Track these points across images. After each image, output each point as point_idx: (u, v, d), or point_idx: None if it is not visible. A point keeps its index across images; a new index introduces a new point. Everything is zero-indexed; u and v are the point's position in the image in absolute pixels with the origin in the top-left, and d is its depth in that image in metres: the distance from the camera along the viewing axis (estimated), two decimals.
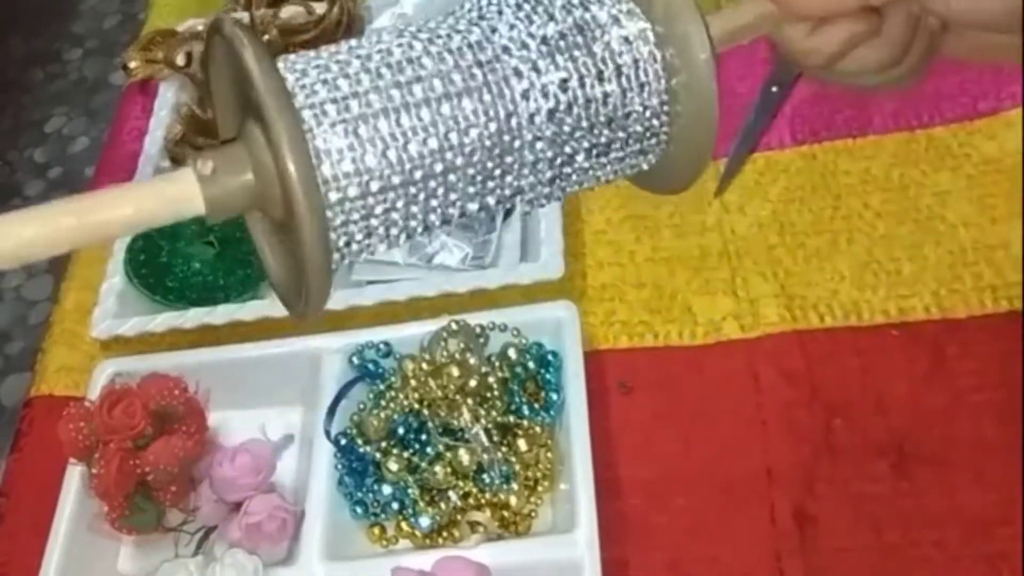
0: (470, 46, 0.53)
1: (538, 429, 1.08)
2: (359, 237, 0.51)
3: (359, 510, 1.08)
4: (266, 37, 1.48)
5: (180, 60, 1.42)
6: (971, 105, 1.25)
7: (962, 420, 1.06)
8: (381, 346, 1.16)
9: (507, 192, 0.54)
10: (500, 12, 0.55)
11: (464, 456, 1.06)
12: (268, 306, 1.24)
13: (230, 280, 1.30)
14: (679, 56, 0.58)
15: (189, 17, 1.61)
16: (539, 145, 0.53)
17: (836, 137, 1.29)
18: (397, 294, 1.21)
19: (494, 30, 0.54)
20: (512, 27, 0.54)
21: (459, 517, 1.07)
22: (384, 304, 1.21)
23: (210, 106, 1.38)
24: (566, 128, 0.54)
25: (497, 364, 1.12)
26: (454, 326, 1.13)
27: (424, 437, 1.09)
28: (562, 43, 0.54)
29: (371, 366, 1.15)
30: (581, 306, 1.17)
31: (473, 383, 1.09)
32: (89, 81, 3.65)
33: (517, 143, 0.53)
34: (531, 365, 1.12)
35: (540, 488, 1.07)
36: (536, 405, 1.10)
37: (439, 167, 0.51)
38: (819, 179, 1.26)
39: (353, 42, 0.53)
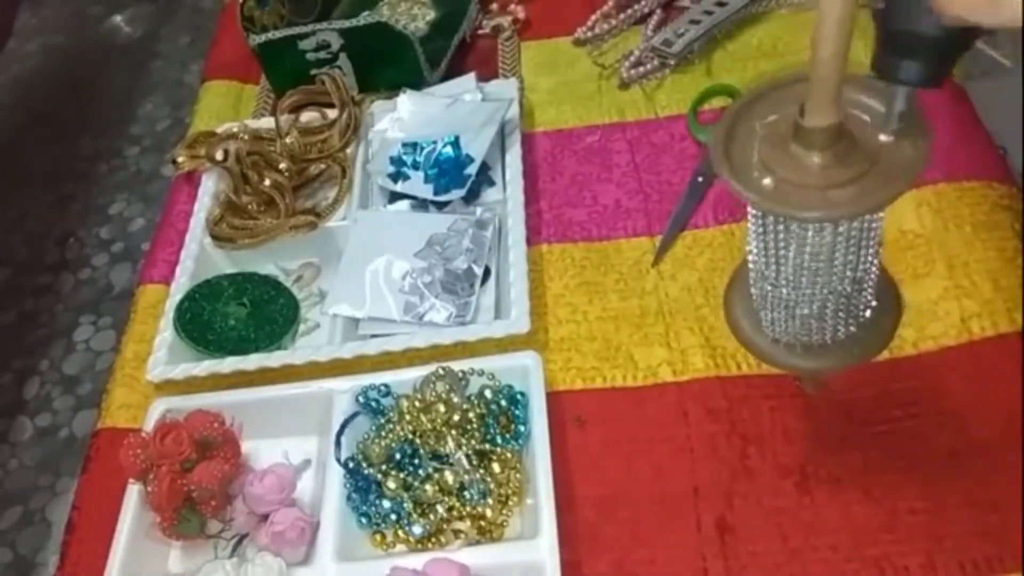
0: None
1: (509, 455, 1.09)
2: None
3: (364, 520, 1.09)
4: (289, 139, 1.48)
5: (219, 156, 1.42)
6: None
7: (853, 447, 1.07)
8: (382, 387, 1.16)
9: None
10: None
11: (449, 477, 1.07)
12: (290, 355, 1.24)
13: (259, 334, 1.30)
14: None
15: (226, 121, 1.62)
16: None
17: None
18: (395, 345, 1.21)
19: None
20: None
21: (445, 526, 1.08)
22: (384, 353, 1.21)
23: (243, 193, 1.39)
24: None
25: (476, 402, 1.12)
26: (441, 371, 1.14)
27: (417, 461, 1.09)
28: None
29: (374, 403, 1.16)
30: (544, 355, 1.18)
31: (456, 417, 1.10)
32: (145, 173, 3.65)
33: None
34: (503, 403, 1.12)
35: (510, 503, 1.07)
36: (507, 435, 1.10)
37: None
38: (736, 252, 1.27)
39: None
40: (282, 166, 1.44)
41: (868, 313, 0.87)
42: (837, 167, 0.73)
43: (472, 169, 1.37)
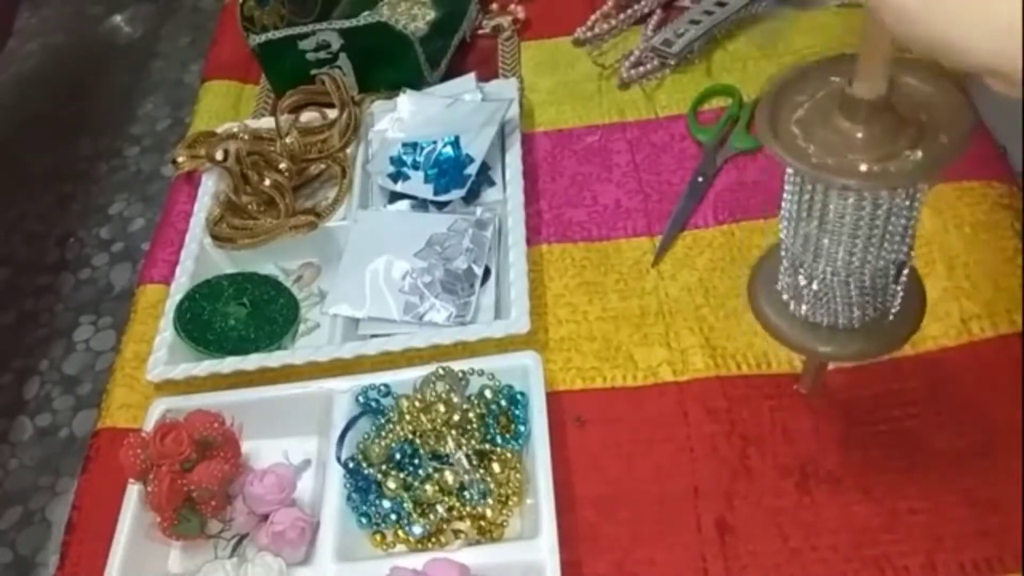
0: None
1: (509, 455, 1.09)
2: None
3: (364, 520, 1.09)
4: (289, 139, 1.48)
5: (219, 156, 1.42)
6: None
7: (853, 447, 1.07)
8: (382, 387, 1.16)
9: None
10: None
11: (449, 477, 1.07)
12: (290, 355, 1.24)
13: (259, 334, 1.30)
14: None
15: (226, 121, 1.62)
16: None
17: (750, 218, 1.30)
18: (395, 345, 1.21)
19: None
20: None
21: (445, 526, 1.08)
22: (384, 353, 1.21)
23: (243, 193, 1.39)
24: None
25: (476, 402, 1.12)
26: (441, 371, 1.14)
27: (417, 461, 1.09)
28: None
29: (374, 404, 1.16)
30: (544, 355, 1.18)
31: (456, 417, 1.10)
32: (145, 173, 3.65)
33: None
34: (503, 403, 1.12)
35: (510, 503, 1.07)
36: (507, 435, 1.10)
37: None
38: (736, 252, 1.27)
39: None
40: (282, 166, 1.43)
41: (896, 303, 0.87)
42: (880, 141, 0.73)
43: (472, 169, 1.37)
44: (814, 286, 0.85)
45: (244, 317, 1.32)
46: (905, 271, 0.85)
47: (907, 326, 0.89)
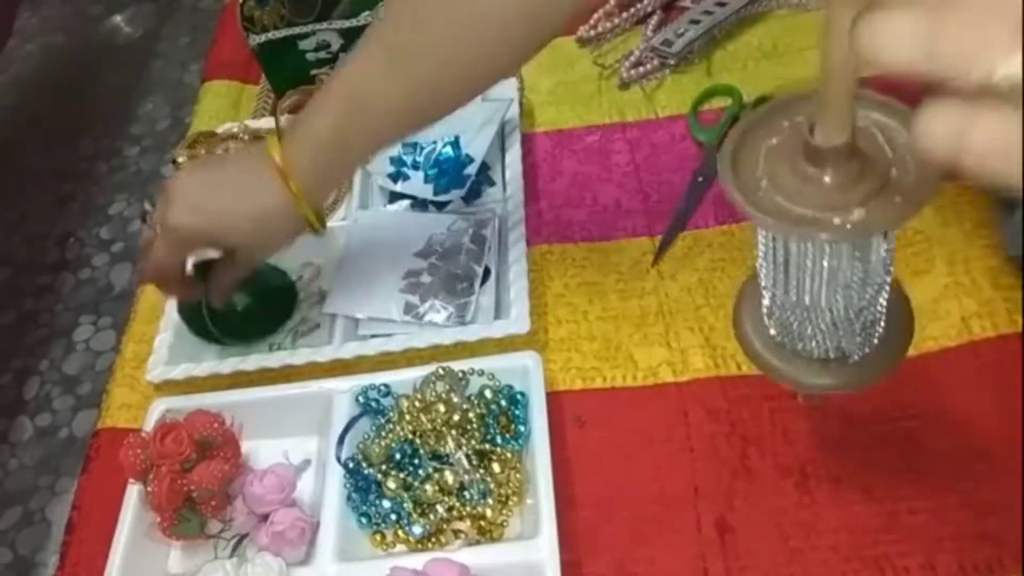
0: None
1: (509, 455, 1.09)
2: None
3: (364, 520, 1.09)
4: None
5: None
6: None
7: (853, 447, 1.07)
8: (382, 387, 1.16)
9: None
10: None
11: (449, 477, 1.07)
12: (290, 355, 1.24)
13: (265, 325, 1.31)
14: None
15: (226, 121, 1.62)
16: None
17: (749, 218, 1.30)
18: (395, 345, 1.21)
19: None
20: None
21: (445, 526, 1.08)
22: (384, 354, 1.21)
23: None
24: None
25: (476, 402, 1.12)
26: (441, 371, 1.14)
27: (417, 461, 1.09)
28: None
29: (374, 404, 1.16)
30: (544, 355, 1.18)
31: (456, 417, 1.10)
32: (145, 173, 3.65)
33: None
34: (503, 403, 1.12)
35: (510, 503, 1.07)
36: (507, 435, 1.10)
37: None
38: (737, 252, 1.27)
39: None
40: None
41: (879, 330, 0.87)
42: (847, 186, 0.71)
43: (472, 169, 1.37)
44: (813, 327, 0.84)
45: (247, 302, 1.32)
46: (869, 319, 0.84)
47: (902, 341, 0.88)
